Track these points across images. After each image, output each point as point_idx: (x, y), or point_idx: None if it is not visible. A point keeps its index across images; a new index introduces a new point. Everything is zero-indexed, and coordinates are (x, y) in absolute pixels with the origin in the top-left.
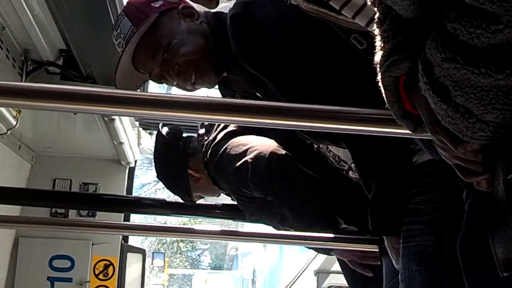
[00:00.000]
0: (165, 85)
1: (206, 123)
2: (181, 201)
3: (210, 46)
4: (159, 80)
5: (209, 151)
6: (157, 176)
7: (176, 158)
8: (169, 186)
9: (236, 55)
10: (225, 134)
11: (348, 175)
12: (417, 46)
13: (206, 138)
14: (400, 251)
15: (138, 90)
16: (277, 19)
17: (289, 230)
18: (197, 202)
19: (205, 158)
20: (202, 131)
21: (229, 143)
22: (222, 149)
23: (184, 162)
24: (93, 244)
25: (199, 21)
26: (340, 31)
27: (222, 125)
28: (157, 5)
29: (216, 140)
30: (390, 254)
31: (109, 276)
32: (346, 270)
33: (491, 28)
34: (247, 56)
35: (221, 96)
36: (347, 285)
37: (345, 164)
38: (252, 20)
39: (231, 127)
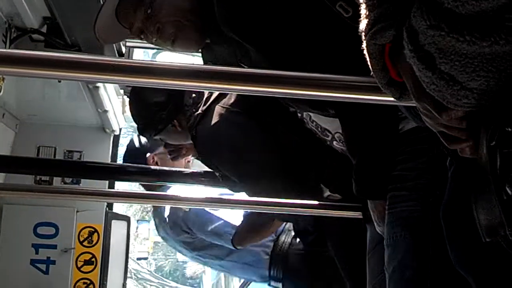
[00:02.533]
0: (150, 54)
1: (193, 94)
2: (166, 168)
3: (195, 10)
4: (138, 36)
5: (197, 126)
6: (141, 99)
7: (174, 99)
8: (147, 114)
9: (219, 22)
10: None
11: (332, 145)
12: (402, 14)
13: (194, 110)
14: (385, 217)
15: (123, 58)
16: None
17: None
18: (182, 169)
19: (194, 132)
20: (189, 102)
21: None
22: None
23: (177, 110)
24: (77, 211)
25: None
26: None
27: (211, 99)
28: None
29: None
30: (373, 218)
31: (93, 243)
32: (329, 238)
33: None
34: (230, 23)
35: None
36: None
37: (328, 134)
38: None
39: (221, 106)
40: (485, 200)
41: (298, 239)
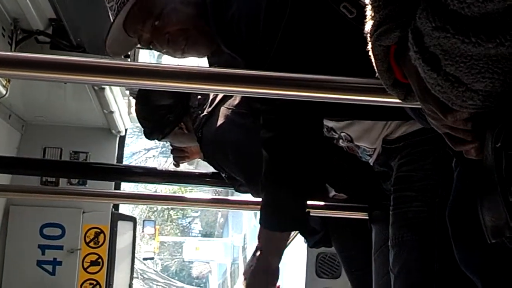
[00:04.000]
0: (155, 54)
1: (199, 96)
2: (172, 169)
3: (203, 16)
4: (147, 46)
5: (203, 128)
6: (148, 103)
7: (180, 101)
8: (154, 118)
9: (212, 29)
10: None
11: (337, 144)
12: (408, 15)
13: (199, 112)
14: (390, 218)
15: (128, 60)
16: None
17: None
18: (188, 170)
19: (199, 134)
20: (195, 103)
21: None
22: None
23: (184, 112)
24: (83, 212)
25: None
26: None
27: (217, 100)
28: None
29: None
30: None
31: (100, 244)
32: (335, 238)
33: None
34: (221, 35)
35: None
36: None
37: (334, 133)
38: None
39: (226, 108)
40: (491, 201)
41: None
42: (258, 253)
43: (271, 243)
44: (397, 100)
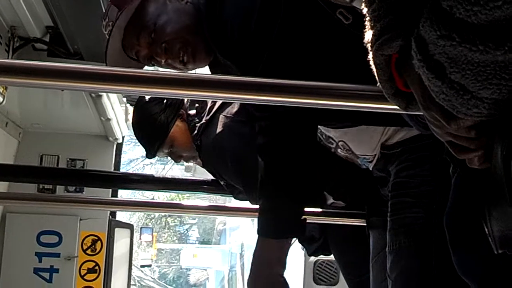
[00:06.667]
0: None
1: (196, 104)
2: (169, 176)
3: (197, 26)
4: (148, 62)
5: (202, 136)
6: (142, 114)
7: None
8: (149, 124)
9: (207, 37)
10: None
11: (336, 153)
12: (409, 24)
13: (197, 120)
14: (388, 224)
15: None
16: None
17: None
18: (186, 177)
19: (198, 142)
20: (192, 112)
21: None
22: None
23: (176, 107)
24: (80, 220)
25: (184, 1)
26: (325, 6)
27: (215, 108)
28: None
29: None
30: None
31: (97, 251)
32: (333, 245)
33: (489, 5)
34: (214, 40)
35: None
36: (335, 260)
37: (333, 142)
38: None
39: (224, 116)
40: (499, 211)
41: None
42: (257, 262)
43: (271, 251)
44: (397, 107)
